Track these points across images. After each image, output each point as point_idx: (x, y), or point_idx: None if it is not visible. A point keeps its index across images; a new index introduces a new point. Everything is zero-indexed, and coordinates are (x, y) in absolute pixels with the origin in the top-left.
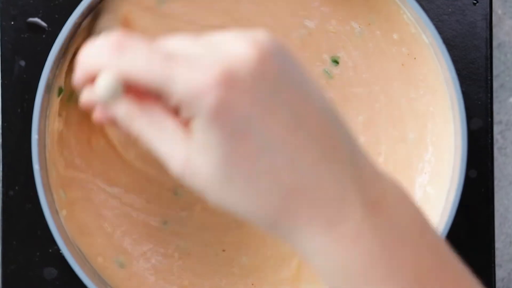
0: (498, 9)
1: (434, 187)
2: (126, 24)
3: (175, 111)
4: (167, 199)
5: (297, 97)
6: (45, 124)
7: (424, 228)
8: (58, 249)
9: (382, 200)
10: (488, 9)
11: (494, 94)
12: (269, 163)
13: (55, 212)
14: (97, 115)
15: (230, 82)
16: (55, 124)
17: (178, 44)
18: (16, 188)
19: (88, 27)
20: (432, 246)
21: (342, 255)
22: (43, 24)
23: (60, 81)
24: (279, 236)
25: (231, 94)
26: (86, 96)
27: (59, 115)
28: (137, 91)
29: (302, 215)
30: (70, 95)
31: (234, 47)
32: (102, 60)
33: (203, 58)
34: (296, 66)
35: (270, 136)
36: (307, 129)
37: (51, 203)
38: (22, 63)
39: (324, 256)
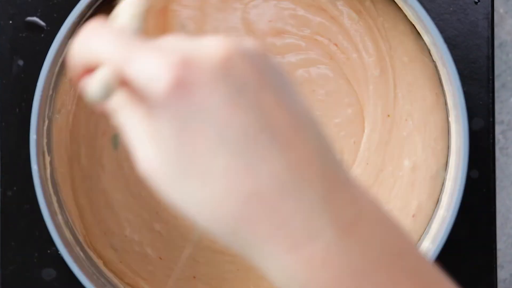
0: (499, 8)
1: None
2: (163, 16)
3: None
4: None
5: (268, 100)
6: (43, 124)
7: (404, 250)
8: (56, 250)
9: (355, 221)
10: (490, 8)
11: (496, 94)
12: (225, 163)
13: (53, 213)
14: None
15: (189, 67)
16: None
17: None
18: (15, 188)
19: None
20: (412, 270)
21: (306, 277)
22: (42, 23)
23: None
24: (238, 249)
25: (188, 77)
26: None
27: (58, 111)
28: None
29: (262, 228)
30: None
31: (205, 43)
32: (103, 51)
33: (169, 47)
34: (275, 70)
35: (228, 134)
36: (272, 135)
37: (50, 203)
38: (21, 62)
39: (286, 275)
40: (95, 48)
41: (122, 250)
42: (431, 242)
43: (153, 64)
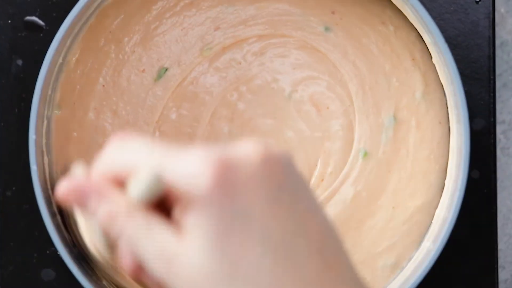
0: (501, 7)
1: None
2: None
3: (168, 214)
4: None
5: (301, 207)
6: (43, 124)
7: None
8: (55, 251)
9: None
10: (491, 8)
11: (497, 94)
12: (271, 264)
13: (53, 213)
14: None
15: (230, 167)
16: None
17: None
18: (14, 188)
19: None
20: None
21: None
22: (41, 22)
23: None
24: None
25: (231, 176)
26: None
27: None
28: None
29: None
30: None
31: (239, 147)
32: (137, 158)
33: (205, 151)
34: (302, 181)
35: (272, 237)
36: (308, 239)
37: (49, 204)
38: (20, 62)
39: None
40: (129, 156)
41: None
42: (432, 242)
43: (194, 163)
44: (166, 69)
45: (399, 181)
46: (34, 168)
